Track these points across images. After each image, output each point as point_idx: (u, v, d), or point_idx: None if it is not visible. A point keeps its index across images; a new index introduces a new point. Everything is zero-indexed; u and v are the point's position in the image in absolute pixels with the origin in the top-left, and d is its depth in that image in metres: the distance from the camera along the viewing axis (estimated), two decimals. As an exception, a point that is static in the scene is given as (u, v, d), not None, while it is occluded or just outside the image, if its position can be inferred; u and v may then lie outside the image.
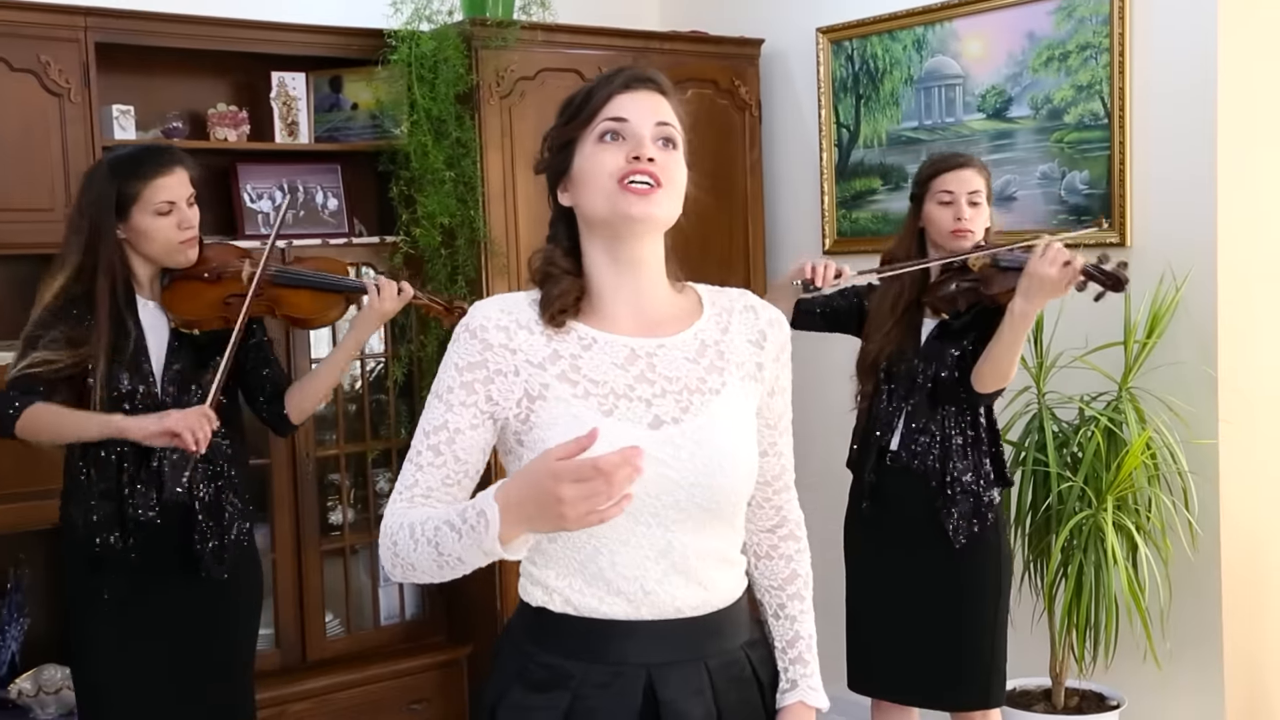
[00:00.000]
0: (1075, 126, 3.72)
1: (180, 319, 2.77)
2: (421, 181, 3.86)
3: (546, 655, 1.65)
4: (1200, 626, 3.52)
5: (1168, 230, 3.54)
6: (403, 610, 4.14)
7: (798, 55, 4.46)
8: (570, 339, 1.64)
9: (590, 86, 1.68)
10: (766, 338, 1.74)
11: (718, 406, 1.66)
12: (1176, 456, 3.44)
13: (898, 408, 3.03)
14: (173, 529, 2.73)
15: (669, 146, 1.66)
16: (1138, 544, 3.40)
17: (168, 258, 2.76)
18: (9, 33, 3.34)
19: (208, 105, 3.85)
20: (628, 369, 1.64)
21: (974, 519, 2.98)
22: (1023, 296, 2.79)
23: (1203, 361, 3.48)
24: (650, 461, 1.53)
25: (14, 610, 3.50)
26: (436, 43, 3.83)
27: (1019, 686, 3.66)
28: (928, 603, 3.02)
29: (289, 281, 2.87)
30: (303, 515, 3.88)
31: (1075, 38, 3.69)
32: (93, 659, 2.76)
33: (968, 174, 3.01)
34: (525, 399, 1.62)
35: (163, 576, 2.73)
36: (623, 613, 1.62)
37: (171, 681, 2.75)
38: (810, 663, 1.80)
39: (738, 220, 4.48)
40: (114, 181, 2.69)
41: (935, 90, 4.08)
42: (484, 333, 1.63)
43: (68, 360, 2.63)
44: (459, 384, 1.63)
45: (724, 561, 1.69)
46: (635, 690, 1.62)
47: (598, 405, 1.61)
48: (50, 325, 2.66)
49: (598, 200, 1.62)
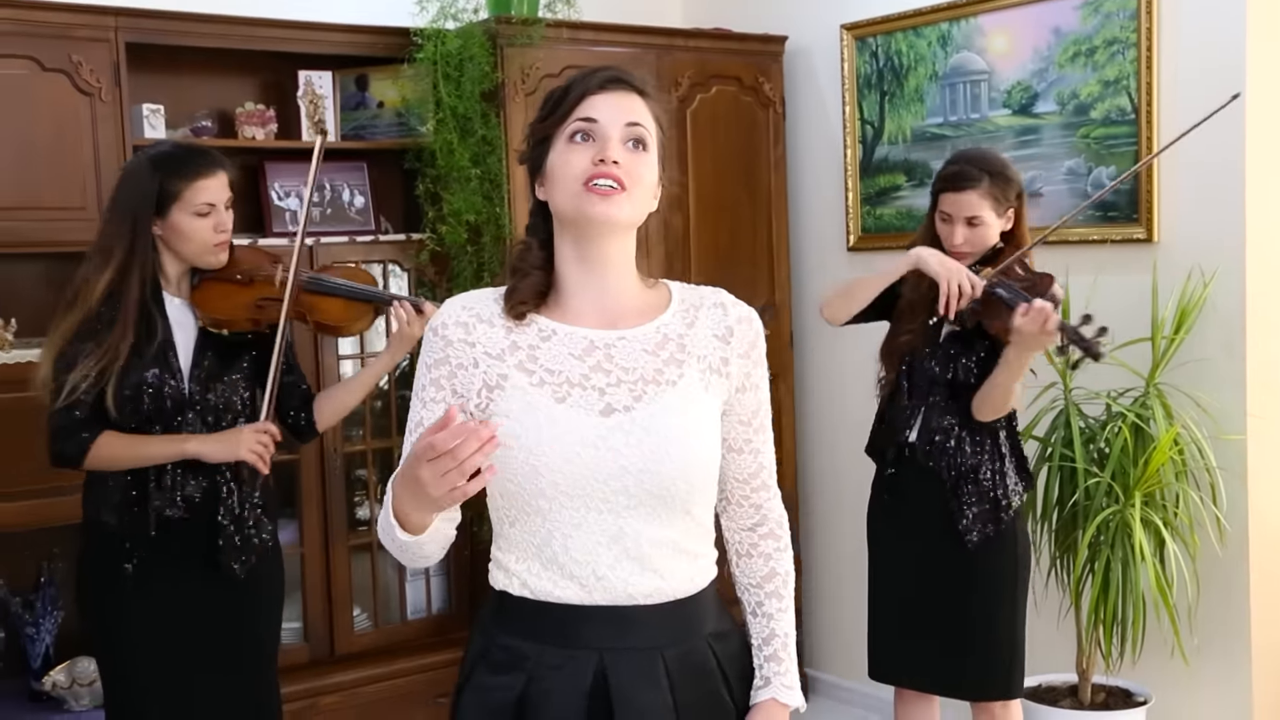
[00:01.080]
0: (1102, 122, 3.71)
1: (210, 318, 2.78)
2: (447, 179, 3.88)
3: (506, 637, 1.70)
4: (1228, 622, 3.51)
5: (1195, 226, 3.53)
6: (429, 604, 4.16)
7: (822, 52, 4.46)
8: (530, 331, 1.70)
9: (567, 84, 1.71)
10: (733, 333, 1.76)
11: (671, 397, 1.69)
12: (1204, 452, 3.43)
13: (917, 403, 3.05)
14: (198, 527, 2.74)
15: (639, 148, 1.69)
16: (1165, 540, 3.39)
17: (199, 258, 2.77)
18: (41, 33, 3.37)
19: (236, 104, 3.88)
20: (584, 359, 1.69)
21: (989, 522, 2.99)
22: (1014, 347, 2.85)
23: (1230, 357, 3.47)
24: (602, 448, 1.63)
25: (48, 603, 3.54)
26: (462, 41, 3.84)
27: (1045, 682, 3.66)
28: (945, 595, 3.04)
29: (321, 289, 2.90)
30: (330, 511, 3.90)
31: (1102, 32, 3.68)
32: (118, 651, 2.77)
33: (968, 198, 2.97)
34: (484, 389, 1.68)
35: (185, 571, 2.75)
36: (576, 597, 1.66)
37: (195, 675, 2.76)
38: (785, 661, 1.81)
39: (761, 217, 4.48)
40: (156, 178, 2.70)
41: (960, 86, 4.07)
42: (444, 329, 1.71)
43: (96, 367, 2.64)
44: (429, 381, 1.71)
45: (680, 552, 1.70)
46: (587, 673, 1.66)
47: (551, 393, 1.66)
48: (84, 338, 2.65)
49: (564, 200, 1.67)
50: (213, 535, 2.75)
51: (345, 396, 2.99)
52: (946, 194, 3.01)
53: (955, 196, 3.00)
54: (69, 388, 2.63)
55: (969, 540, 2.98)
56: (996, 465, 3.01)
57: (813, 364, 4.59)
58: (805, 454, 4.62)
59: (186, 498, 2.72)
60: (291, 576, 3.87)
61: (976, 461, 2.99)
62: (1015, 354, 2.86)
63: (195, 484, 2.73)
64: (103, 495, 2.74)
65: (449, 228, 3.87)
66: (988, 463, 3.00)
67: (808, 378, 4.62)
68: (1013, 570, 3.07)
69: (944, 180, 3.04)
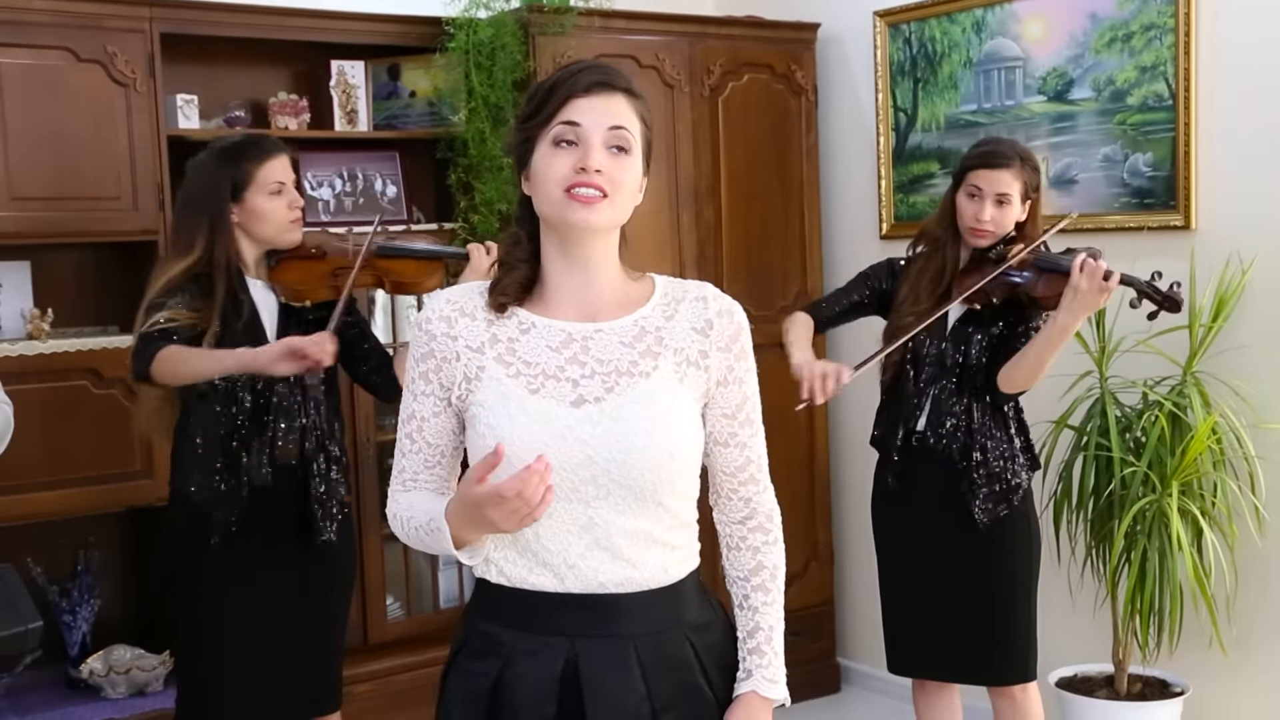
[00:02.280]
0: (1138, 108, 3.68)
1: (290, 290, 2.88)
2: (479, 168, 3.88)
3: (485, 624, 1.74)
4: (1267, 612, 3.48)
5: (1233, 213, 3.49)
6: (462, 594, 4.17)
7: (854, 39, 4.44)
8: (510, 324, 1.73)
9: (552, 83, 1.71)
10: (713, 326, 1.75)
11: (643, 388, 1.70)
12: (1243, 441, 3.40)
13: (925, 389, 3.04)
14: (286, 493, 2.82)
15: (621, 153, 1.69)
16: (1203, 529, 3.36)
17: (279, 237, 2.86)
18: (76, 24, 3.39)
19: (269, 94, 3.89)
20: (561, 351, 1.71)
21: (1000, 503, 2.99)
22: (1066, 309, 2.82)
23: (1269, 345, 3.43)
24: (570, 438, 1.66)
25: (84, 592, 3.57)
26: (494, 30, 3.84)
27: (1081, 673, 3.64)
28: (957, 582, 3.04)
29: (393, 252, 2.98)
30: (364, 500, 3.91)
31: (1139, 18, 3.65)
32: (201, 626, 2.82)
33: (1003, 175, 2.98)
34: (465, 381, 1.72)
35: (273, 540, 2.82)
36: (549, 584, 1.69)
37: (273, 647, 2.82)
38: (768, 654, 1.80)
39: (794, 205, 4.46)
40: (225, 169, 2.81)
41: (995, 73, 4.04)
42: (428, 324, 1.75)
43: (187, 321, 2.73)
44: (418, 374, 1.76)
45: (654, 542, 1.71)
46: (558, 659, 1.68)
47: (526, 385, 1.69)
48: (173, 294, 2.75)
49: (546, 204, 1.69)
50: (304, 499, 2.84)
51: None
52: (979, 170, 3.00)
53: (989, 173, 2.99)
54: (153, 318, 2.72)
55: (981, 523, 2.98)
56: (1005, 448, 3.01)
57: (844, 352, 4.56)
58: (837, 443, 4.60)
59: (275, 464, 2.79)
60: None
61: (986, 444, 2.99)
62: (1067, 316, 2.81)
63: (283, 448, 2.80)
64: (193, 463, 2.79)
65: (481, 217, 3.88)
66: (997, 445, 3.00)
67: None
68: (1026, 552, 3.07)
69: (978, 157, 3.04)
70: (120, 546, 3.73)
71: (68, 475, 3.37)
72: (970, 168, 3.03)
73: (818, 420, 4.53)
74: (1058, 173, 3.88)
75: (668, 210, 4.15)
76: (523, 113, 1.74)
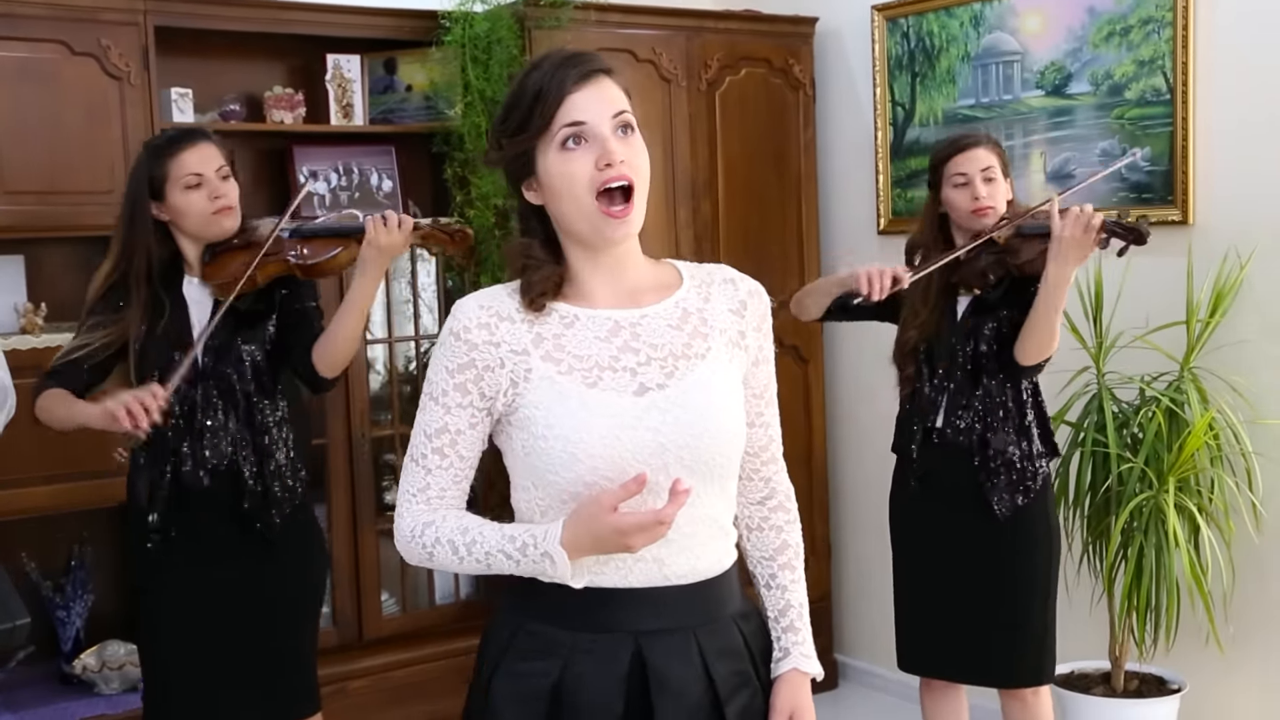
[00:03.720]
0: (1137, 102, 3.66)
1: (216, 286, 2.79)
2: (475, 163, 3.87)
3: (537, 624, 1.69)
4: (1264, 609, 3.47)
5: (1231, 207, 3.48)
6: (457, 590, 4.17)
7: (852, 33, 4.42)
8: (552, 319, 1.68)
9: (537, 88, 1.64)
10: (747, 307, 1.76)
11: (703, 371, 1.69)
12: (1240, 437, 3.39)
13: (940, 387, 3.03)
14: (224, 496, 2.76)
15: (628, 133, 1.66)
16: (1200, 526, 3.35)
17: (206, 230, 2.78)
18: (71, 17, 3.38)
19: (264, 88, 3.88)
20: (611, 341, 1.67)
21: (1017, 492, 2.97)
22: (1054, 262, 2.81)
23: (1267, 340, 3.42)
24: (640, 428, 1.62)
25: (78, 587, 3.56)
26: (490, 24, 3.83)
27: (1077, 669, 3.63)
28: (978, 580, 3.02)
29: (302, 232, 2.84)
30: (358, 495, 3.91)
31: (1137, 12, 3.63)
32: (149, 626, 2.80)
33: (979, 153, 3.02)
34: (512, 386, 1.66)
35: (214, 538, 2.77)
36: (611, 580, 1.66)
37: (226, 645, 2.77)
38: (802, 630, 1.82)
39: (791, 200, 4.45)
40: (148, 165, 2.75)
41: (993, 67, 4.03)
42: (466, 333, 1.67)
43: (102, 341, 2.70)
44: (452, 386, 1.67)
45: (715, 529, 1.71)
46: (623, 656, 1.65)
47: (581, 379, 1.65)
48: (93, 312, 2.75)
49: (575, 214, 1.65)
50: (238, 496, 2.76)
51: (335, 330, 2.78)
52: (956, 157, 3.02)
53: (966, 155, 3.01)
54: (62, 351, 2.74)
55: (1001, 514, 2.96)
56: (1022, 436, 2.99)
57: (842, 349, 4.56)
58: (834, 440, 4.60)
59: (207, 467, 2.74)
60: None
61: (1003, 433, 2.98)
62: (1056, 270, 2.80)
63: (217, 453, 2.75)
64: (136, 469, 2.78)
65: (477, 211, 3.86)
66: (1014, 433, 2.98)
67: (837, 363, 4.59)
68: (1046, 553, 3.05)
69: (949, 146, 3.07)
70: (114, 542, 3.71)
71: (62, 470, 3.36)
72: (946, 158, 3.04)
73: (815, 417, 4.52)
74: (1055, 167, 3.86)
75: (664, 205, 4.13)
76: (508, 126, 1.67)
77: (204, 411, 2.75)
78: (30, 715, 3.35)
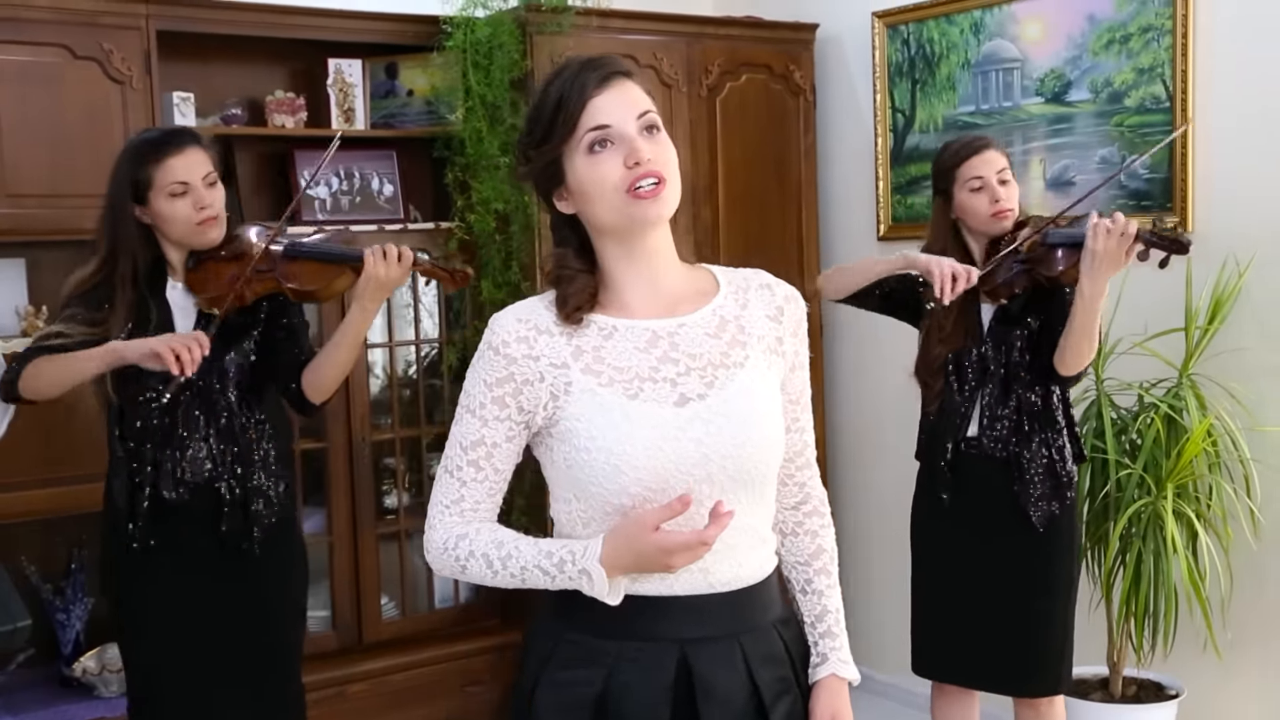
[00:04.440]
0: (1136, 110, 3.67)
1: (203, 299, 2.72)
2: (476, 167, 3.88)
3: (579, 634, 1.68)
4: (1262, 616, 3.48)
5: (1230, 215, 3.49)
6: (457, 594, 4.17)
7: (853, 39, 4.43)
8: (590, 331, 1.68)
9: (559, 95, 1.64)
10: (784, 313, 1.76)
11: (742, 379, 1.69)
12: (1238, 443, 3.40)
13: (971, 396, 2.99)
14: (203, 511, 2.70)
15: (654, 133, 1.66)
16: (1198, 532, 3.36)
17: (189, 239, 2.70)
18: (73, 21, 3.39)
19: (266, 92, 3.89)
20: (650, 351, 1.67)
21: (1054, 500, 2.95)
22: (1087, 276, 2.77)
23: (1266, 348, 3.43)
24: (683, 439, 1.62)
25: (77, 590, 3.56)
26: (491, 29, 3.84)
27: (1076, 674, 3.62)
28: (1006, 588, 2.99)
29: (296, 253, 2.74)
30: (359, 499, 3.92)
31: (1137, 20, 3.64)
32: (128, 634, 2.77)
33: (991, 155, 2.99)
34: (551, 400, 1.66)
35: (193, 550, 2.71)
36: (656, 589, 1.65)
37: (210, 657, 2.72)
38: (839, 635, 1.82)
39: (791, 205, 4.46)
40: (131, 167, 2.66)
41: (993, 74, 4.04)
42: (505, 347, 1.66)
43: (82, 336, 2.61)
44: (490, 399, 1.67)
45: (756, 537, 1.71)
46: (669, 665, 1.65)
47: (622, 390, 1.64)
48: (72, 304, 2.66)
49: (607, 212, 1.64)
50: (217, 515, 2.70)
51: (327, 359, 2.75)
52: (971, 160, 2.98)
53: (981, 158, 2.98)
54: (39, 334, 2.64)
55: (1037, 520, 2.93)
56: (1058, 441, 2.96)
57: (843, 354, 4.57)
58: (834, 446, 4.60)
59: (185, 482, 2.68)
60: (319, 565, 3.90)
61: (1040, 441, 2.95)
62: (1091, 282, 2.76)
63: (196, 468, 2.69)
64: (114, 469, 2.73)
65: (478, 216, 3.87)
66: (1050, 440, 2.95)
67: (838, 368, 4.59)
68: (1072, 562, 3.04)
69: (962, 149, 3.01)
70: (114, 544, 3.73)
71: (62, 473, 3.37)
72: (958, 163, 2.99)
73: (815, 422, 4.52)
74: (1055, 174, 3.87)
75: (665, 210, 4.14)
76: (533, 137, 1.67)
77: (184, 424, 2.68)
78: (30, 718, 3.35)
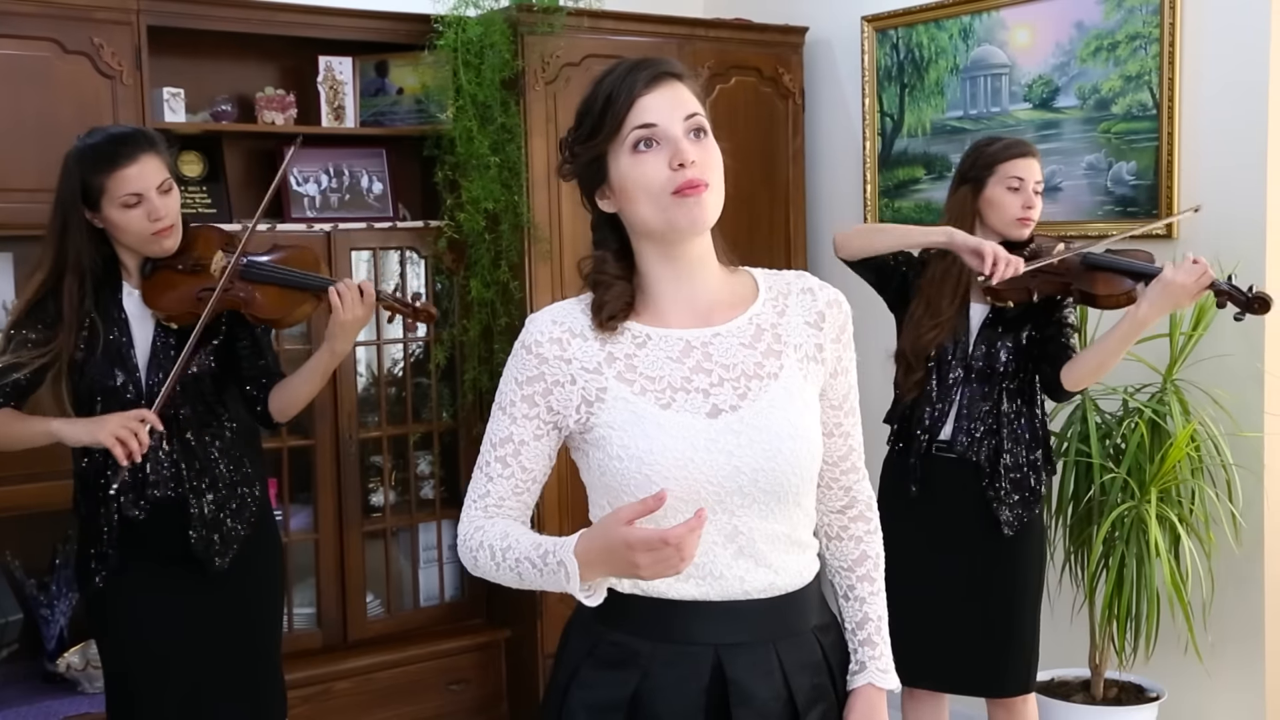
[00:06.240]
0: (1123, 117, 3.70)
1: (158, 312, 2.64)
2: (466, 166, 3.88)
3: (615, 634, 1.68)
4: (1243, 619, 3.51)
5: (1216, 222, 3.51)
6: (442, 592, 4.17)
7: (842, 43, 4.45)
8: (624, 339, 1.67)
9: (608, 92, 1.64)
10: (825, 318, 1.74)
11: (776, 390, 1.67)
12: (1221, 449, 3.42)
13: (947, 395, 3.00)
14: (172, 528, 2.64)
15: (701, 136, 1.65)
16: (1180, 536, 3.38)
17: (143, 249, 2.62)
18: (63, 15, 3.38)
19: (256, 89, 3.89)
20: (683, 361, 1.66)
21: (1027, 509, 2.98)
22: (1150, 303, 2.80)
23: (1250, 354, 3.46)
24: (714, 450, 1.61)
25: (63, 585, 3.55)
26: (483, 28, 3.85)
27: (1058, 677, 3.66)
28: (971, 591, 3.01)
29: (258, 277, 2.68)
30: (345, 497, 3.91)
31: (1125, 27, 3.67)
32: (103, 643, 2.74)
33: (1035, 164, 3.00)
34: (584, 405, 1.66)
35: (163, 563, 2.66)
36: (691, 594, 1.65)
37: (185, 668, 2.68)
38: (879, 644, 1.81)
39: (779, 208, 4.47)
40: (80, 173, 2.55)
41: (981, 80, 4.06)
42: (538, 347, 1.67)
43: (37, 362, 2.55)
44: (520, 398, 1.68)
45: (792, 545, 1.70)
46: (703, 669, 1.65)
47: (655, 400, 1.64)
48: (21, 325, 2.57)
49: (649, 213, 1.63)
50: (184, 535, 2.64)
51: (296, 387, 2.73)
52: (1017, 161, 2.97)
53: (1027, 162, 2.98)
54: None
55: (1009, 529, 2.96)
56: (1033, 452, 2.99)
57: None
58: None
59: (150, 499, 2.63)
60: (305, 563, 3.91)
61: (1015, 449, 2.97)
62: (1149, 310, 2.80)
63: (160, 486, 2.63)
64: (79, 484, 2.67)
65: (467, 215, 3.88)
66: (1025, 450, 2.98)
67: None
68: (1039, 564, 3.07)
69: (1010, 148, 2.99)
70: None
71: (47, 468, 3.34)
72: (1007, 159, 2.97)
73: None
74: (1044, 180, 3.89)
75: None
76: (579, 134, 1.67)
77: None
78: (13, 714, 3.34)
